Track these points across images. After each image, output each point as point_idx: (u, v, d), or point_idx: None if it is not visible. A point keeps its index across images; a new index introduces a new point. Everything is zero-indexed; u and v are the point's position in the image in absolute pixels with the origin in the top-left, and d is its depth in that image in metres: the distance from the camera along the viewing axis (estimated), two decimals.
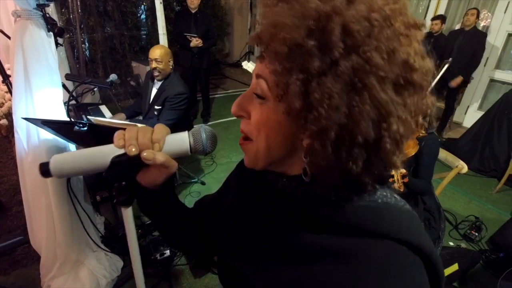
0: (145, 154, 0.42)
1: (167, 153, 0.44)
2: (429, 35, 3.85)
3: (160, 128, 0.45)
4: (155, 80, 2.28)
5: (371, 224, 0.36)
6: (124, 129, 0.44)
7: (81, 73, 3.91)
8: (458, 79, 3.49)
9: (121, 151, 0.43)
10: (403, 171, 1.40)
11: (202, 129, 0.47)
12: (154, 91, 2.30)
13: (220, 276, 0.58)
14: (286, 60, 0.32)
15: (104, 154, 0.43)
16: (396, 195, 0.40)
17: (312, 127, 0.32)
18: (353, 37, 0.30)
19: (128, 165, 0.43)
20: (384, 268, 0.33)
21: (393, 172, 1.41)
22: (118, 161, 0.43)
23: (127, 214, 0.49)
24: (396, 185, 1.40)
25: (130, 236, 0.51)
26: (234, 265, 0.50)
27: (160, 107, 2.23)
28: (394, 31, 0.31)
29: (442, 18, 3.79)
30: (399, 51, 0.31)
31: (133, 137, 0.42)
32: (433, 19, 3.83)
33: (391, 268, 0.34)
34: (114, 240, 2.00)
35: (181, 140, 0.46)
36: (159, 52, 2.16)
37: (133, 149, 0.41)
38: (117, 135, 0.43)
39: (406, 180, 1.40)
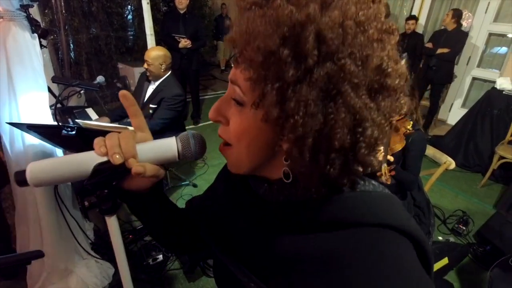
0: (135, 169, 0.39)
1: (154, 160, 0.42)
2: (403, 35, 3.99)
3: (143, 134, 0.44)
4: (152, 80, 2.31)
5: (351, 214, 0.36)
6: (119, 132, 0.42)
7: (66, 76, 3.80)
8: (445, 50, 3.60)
9: (104, 159, 0.40)
10: (391, 158, 1.42)
11: (190, 134, 0.44)
12: (150, 90, 2.32)
13: (216, 277, 0.58)
14: (261, 68, 0.32)
15: (85, 161, 0.40)
16: (374, 181, 0.41)
17: (290, 135, 0.32)
18: (327, 45, 0.30)
19: (111, 173, 0.41)
20: (373, 257, 0.33)
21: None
22: (101, 169, 0.40)
23: (111, 223, 0.46)
24: (383, 178, 1.43)
25: (116, 246, 0.48)
26: (228, 265, 0.49)
27: (155, 106, 2.25)
28: (367, 38, 0.31)
29: (416, 18, 4.04)
30: (372, 57, 0.31)
31: (116, 144, 0.39)
32: (409, 19, 3.99)
33: (380, 255, 0.33)
34: (104, 247, 1.95)
35: (168, 146, 0.43)
36: (151, 55, 2.20)
37: (118, 157, 0.39)
38: (97, 142, 0.40)
39: (393, 173, 1.43)
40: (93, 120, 2.19)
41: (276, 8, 0.31)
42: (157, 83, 2.29)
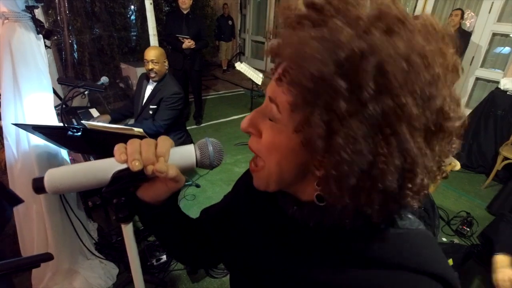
0: (158, 167, 0.39)
1: None
2: None
3: (164, 141, 0.41)
4: (150, 81, 2.29)
5: (391, 255, 0.34)
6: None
7: (69, 76, 3.81)
8: None
9: (123, 166, 0.39)
10: None
11: (208, 142, 0.44)
12: (148, 91, 2.31)
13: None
14: (310, 95, 0.29)
15: (104, 168, 0.40)
16: (409, 214, 0.38)
17: (332, 172, 0.30)
18: (387, 79, 0.27)
19: (130, 180, 0.41)
20: None
21: None
22: (119, 176, 0.39)
23: (127, 230, 0.46)
24: None
25: (131, 253, 0.48)
26: (245, 280, 0.48)
27: (155, 107, 2.24)
28: (432, 76, 0.28)
29: None
30: (435, 99, 0.28)
31: (136, 151, 0.39)
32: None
33: None
34: (108, 247, 1.96)
35: (187, 154, 0.43)
36: (155, 53, 2.17)
37: (137, 164, 0.38)
38: (118, 149, 0.39)
39: None
40: (96, 117, 2.20)
41: (333, 30, 0.28)
42: (155, 83, 2.27)
